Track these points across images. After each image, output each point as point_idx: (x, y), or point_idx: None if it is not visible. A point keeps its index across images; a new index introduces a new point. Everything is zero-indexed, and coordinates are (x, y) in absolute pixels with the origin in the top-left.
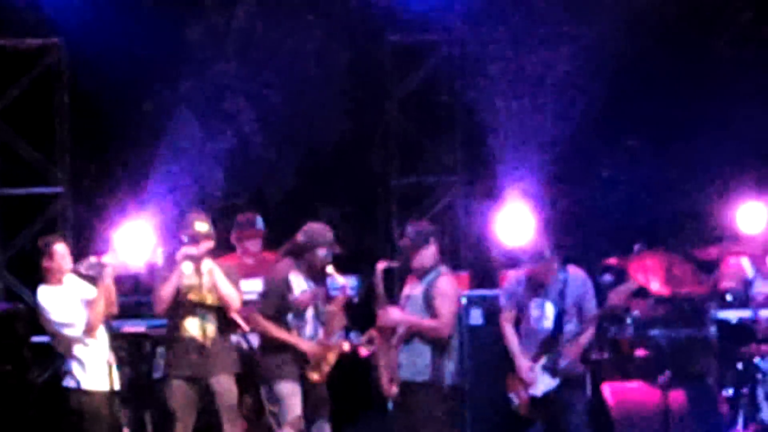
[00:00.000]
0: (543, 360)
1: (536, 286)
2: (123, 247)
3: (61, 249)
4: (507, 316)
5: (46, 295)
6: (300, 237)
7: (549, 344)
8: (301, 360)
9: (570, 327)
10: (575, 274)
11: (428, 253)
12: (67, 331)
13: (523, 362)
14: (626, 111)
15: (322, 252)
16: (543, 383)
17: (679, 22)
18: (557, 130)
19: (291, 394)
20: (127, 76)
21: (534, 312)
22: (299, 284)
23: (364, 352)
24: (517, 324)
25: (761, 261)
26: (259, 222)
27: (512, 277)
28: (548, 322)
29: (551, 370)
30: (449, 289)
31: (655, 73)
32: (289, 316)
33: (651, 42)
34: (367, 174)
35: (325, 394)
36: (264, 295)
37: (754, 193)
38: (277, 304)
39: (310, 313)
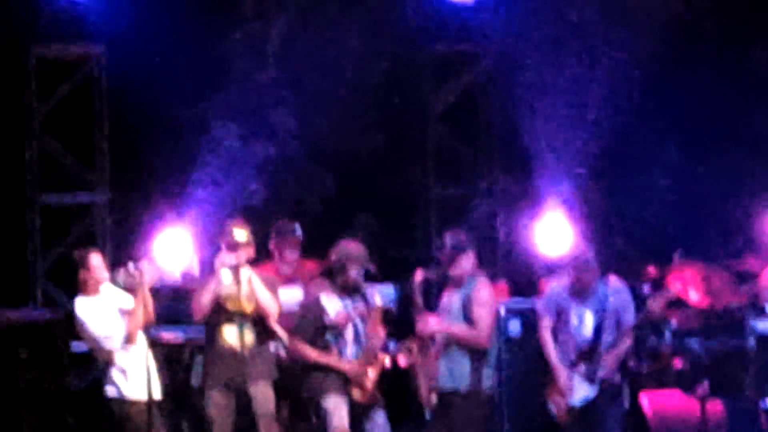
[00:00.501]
0: (581, 368)
1: (577, 294)
2: (161, 255)
3: (96, 260)
4: (546, 323)
5: (83, 307)
6: (332, 256)
7: (587, 353)
8: (344, 378)
9: (608, 337)
10: (615, 284)
11: (466, 262)
12: (106, 343)
13: (561, 371)
14: (665, 121)
15: (354, 271)
16: (581, 391)
17: (720, 31)
18: (596, 139)
19: (337, 407)
20: (166, 84)
21: (573, 320)
22: (333, 305)
23: (402, 361)
24: (553, 331)
25: None
26: (298, 230)
27: (554, 284)
28: (587, 331)
29: (589, 378)
30: (487, 297)
31: (694, 82)
32: (328, 337)
33: (690, 52)
34: (406, 184)
35: (377, 410)
36: (299, 320)
37: None
38: (312, 328)
39: (349, 331)
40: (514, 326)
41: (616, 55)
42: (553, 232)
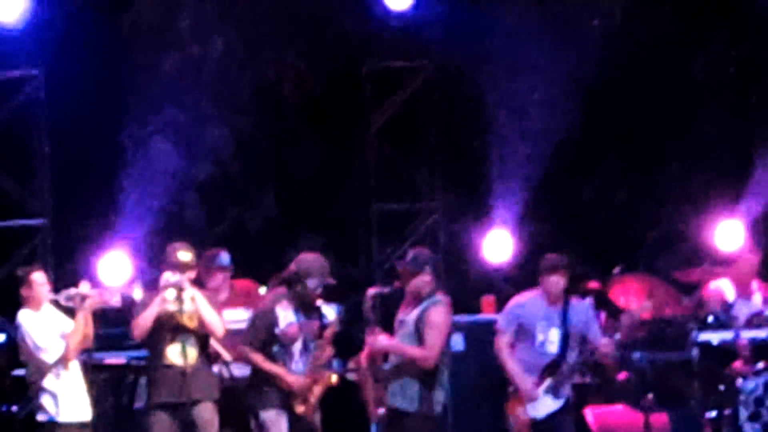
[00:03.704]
0: (547, 383)
1: (541, 310)
2: (103, 278)
3: (39, 278)
4: (504, 339)
5: (26, 318)
6: (293, 267)
7: (553, 368)
8: (286, 393)
9: (572, 352)
10: (576, 302)
11: (424, 281)
12: (42, 356)
13: (525, 380)
14: (605, 134)
15: (312, 283)
16: (545, 405)
17: (661, 42)
18: (537, 154)
19: (275, 422)
20: (105, 106)
21: (539, 335)
22: (286, 317)
23: (351, 375)
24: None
25: (743, 283)
26: (222, 258)
27: (520, 299)
28: (553, 347)
29: (555, 392)
30: (440, 319)
31: (633, 96)
32: (275, 348)
33: (632, 62)
34: (347, 201)
35: (316, 425)
36: (250, 326)
37: (731, 212)
38: (263, 336)
39: (297, 345)
40: (457, 342)
41: (558, 65)
42: (499, 246)
